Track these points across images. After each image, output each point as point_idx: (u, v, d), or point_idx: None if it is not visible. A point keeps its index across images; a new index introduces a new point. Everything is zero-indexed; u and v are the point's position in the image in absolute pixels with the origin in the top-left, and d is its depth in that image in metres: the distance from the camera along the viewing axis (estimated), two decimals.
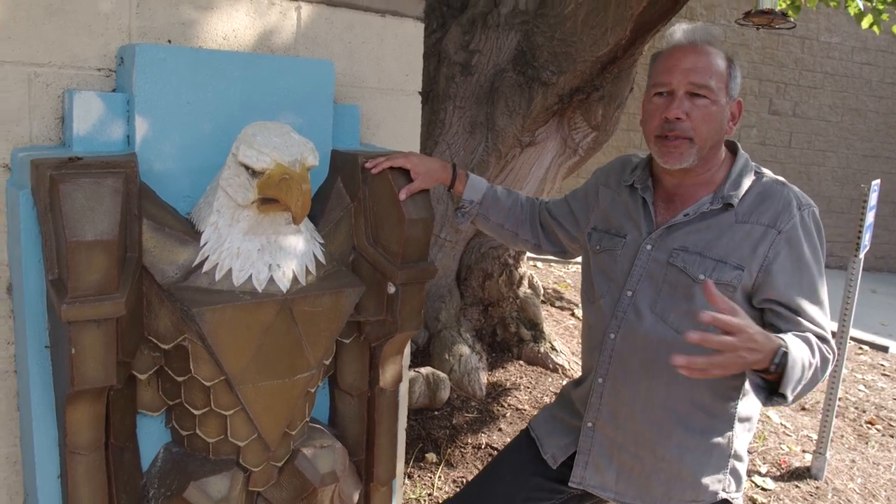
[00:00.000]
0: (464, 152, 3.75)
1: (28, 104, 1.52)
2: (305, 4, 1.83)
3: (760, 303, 1.58)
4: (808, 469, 3.62)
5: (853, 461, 3.82)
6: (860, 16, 4.89)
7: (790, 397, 1.42)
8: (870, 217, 3.49)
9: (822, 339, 1.52)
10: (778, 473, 3.58)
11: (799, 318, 1.53)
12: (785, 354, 1.37)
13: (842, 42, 9.43)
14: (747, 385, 1.62)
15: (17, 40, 1.49)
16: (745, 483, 1.74)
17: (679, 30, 1.64)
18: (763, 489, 3.39)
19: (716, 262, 1.58)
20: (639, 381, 1.67)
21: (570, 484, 1.77)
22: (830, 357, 1.52)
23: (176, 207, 1.53)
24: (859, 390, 4.89)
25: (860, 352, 5.82)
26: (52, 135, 1.55)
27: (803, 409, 4.44)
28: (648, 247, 1.67)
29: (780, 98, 9.35)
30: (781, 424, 4.13)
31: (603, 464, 1.74)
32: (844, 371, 4.72)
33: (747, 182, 1.62)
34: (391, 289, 1.65)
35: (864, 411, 4.52)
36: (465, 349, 3.87)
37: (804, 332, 1.50)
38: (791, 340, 1.41)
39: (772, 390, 1.43)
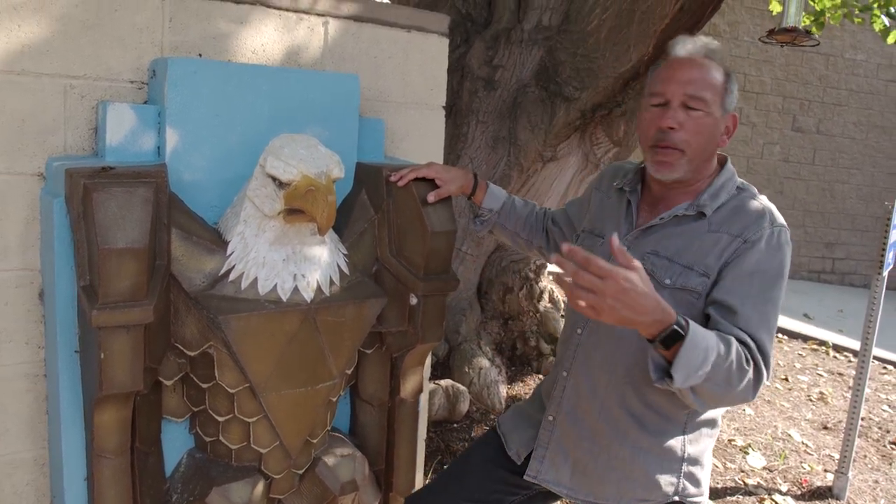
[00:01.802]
0: (486, 166, 3.77)
1: (63, 115, 1.56)
2: (333, 19, 1.87)
3: (708, 303, 1.54)
4: (829, 489, 3.57)
5: (876, 482, 3.77)
6: (886, 32, 4.87)
7: (679, 381, 1.35)
8: (894, 235, 3.45)
9: (751, 349, 1.45)
10: (799, 492, 3.54)
11: (734, 320, 1.48)
12: (678, 332, 1.32)
13: (867, 59, 9.35)
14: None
15: (54, 53, 1.53)
16: (706, 489, 1.72)
17: (679, 42, 1.65)
18: None
19: (683, 267, 1.57)
20: (599, 377, 1.67)
21: (525, 477, 1.77)
22: (751, 370, 1.43)
23: (204, 217, 1.56)
24: (883, 410, 4.83)
25: (884, 371, 5.74)
26: (86, 145, 1.59)
27: (825, 427, 4.39)
28: (624, 248, 1.68)
29: (804, 115, 9.29)
30: (803, 443, 4.09)
31: (559, 459, 1.74)
32: (868, 391, 4.66)
33: (725, 195, 1.62)
34: (413, 300, 1.67)
35: (888, 431, 4.45)
36: (484, 362, 3.88)
37: (733, 333, 1.45)
38: (700, 329, 1.36)
39: (667, 371, 1.38)
